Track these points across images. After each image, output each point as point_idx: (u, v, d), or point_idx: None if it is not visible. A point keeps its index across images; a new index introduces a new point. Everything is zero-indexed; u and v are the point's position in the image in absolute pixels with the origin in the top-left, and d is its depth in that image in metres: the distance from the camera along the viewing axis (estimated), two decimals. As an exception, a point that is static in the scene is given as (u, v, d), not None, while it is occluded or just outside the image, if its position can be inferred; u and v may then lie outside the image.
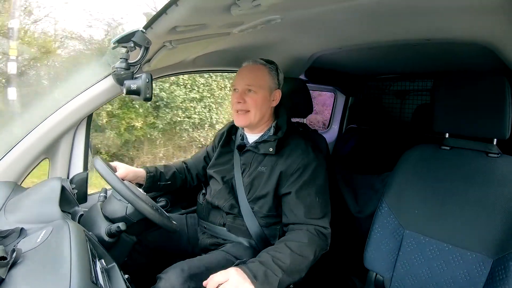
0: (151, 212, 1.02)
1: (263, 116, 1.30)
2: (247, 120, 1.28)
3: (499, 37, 1.06)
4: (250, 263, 1.03)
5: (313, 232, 1.16)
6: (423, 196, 1.18)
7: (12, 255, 0.65)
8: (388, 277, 1.22)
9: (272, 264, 1.03)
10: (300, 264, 1.09)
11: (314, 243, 1.14)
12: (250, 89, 1.27)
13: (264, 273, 1.00)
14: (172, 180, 1.48)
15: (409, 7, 0.96)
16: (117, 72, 0.94)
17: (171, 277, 1.06)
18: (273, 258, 1.05)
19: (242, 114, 1.28)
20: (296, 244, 1.11)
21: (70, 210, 1.06)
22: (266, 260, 1.04)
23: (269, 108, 1.31)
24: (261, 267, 1.01)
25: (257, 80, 1.28)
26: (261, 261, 1.04)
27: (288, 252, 1.08)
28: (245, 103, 1.27)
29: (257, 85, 1.27)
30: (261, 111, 1.28)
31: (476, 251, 1.04)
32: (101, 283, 0.67)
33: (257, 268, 1.00)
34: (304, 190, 1.20)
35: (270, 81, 1.30)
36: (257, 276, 0.98)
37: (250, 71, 1.30)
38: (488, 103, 1.07)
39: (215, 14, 0.81)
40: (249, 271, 0.98)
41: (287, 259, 1.06)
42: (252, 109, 1.26)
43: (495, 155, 1.09)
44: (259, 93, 1.27)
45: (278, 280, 1.01)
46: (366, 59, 1.91)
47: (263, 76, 1.29)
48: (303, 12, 0.99)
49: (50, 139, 1.22)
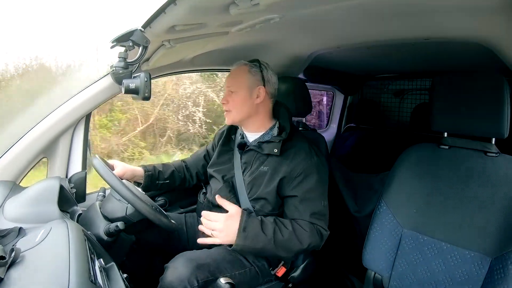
0: (150, 212, 1.02)
1: (248, 114, 1.31)
2: (230, 119, 1.33)
3: (497, 36, 1.06)
4: (253, 217, 1.16)
5: (314, 229, 1.19)
6: (422, 195, 1.18)
7: (10, 254, 0.65)
8: (387, 276, 1.22)
9: (270, 230, 1.13)
10: (293, 246, 1.15)
11: (313, 236, 1.18)
12: (231, 90, 1.31)
13: (255, 233, 1.11)
14: (170, 179, 1.48)
15: (408, 6, 0.96)
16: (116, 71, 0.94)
17: (178, 266, 1.10)
18: (275, 226, 1.14)
19: (227, 114, 1.33)
20: (299, 228, 1.17)
21: (68, 209, 1.07)
22: (268, 223, 1.14)
23: (252, 105, 1.30)
24: (258, 226, 1.13)
25: (235, 81, 1.31)
26: (263, 221, 1.15)
27: (290, 229, 1.15)
28: (227, 103, 1.31)
29: (236, 85, 1.30)
30: (242, 110, 1.30)
31: (474, 250, 1.04)
32: (99, 283, 0.67)
33: (253, 224, 1.12)
34: (310, 195, 1.21)
35: (251, 79, 1.30)
36: (247, 229, 1.11)
37: (231, 74, 1.35)
38: (487, 102, 1.07)
39: (213, 13, 0.81)
40: (243, 222, 1.11)
41: (285, 234, 1.14)
42: (232, 109, 1.31)
43: (493, 154, 1.09)
44: (238, 92, 1.29)
45: (262, 246, 1.11)
46: (365, 58, 1.91)
47: (241, 76, 1.31)
48: (301, 11, 0.99)
49: (48, 139, 1.22)
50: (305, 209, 1.20)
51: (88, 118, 1.33)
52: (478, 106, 1.09)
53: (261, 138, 1.33)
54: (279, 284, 1.32)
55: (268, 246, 1.11)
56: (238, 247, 1.09)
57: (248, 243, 1.09)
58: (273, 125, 1.34)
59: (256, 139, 1.34)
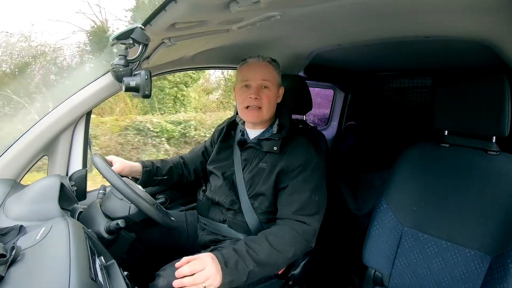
0: (151, 210, 1.02)
1: (273, 113, 1.31)
2: (260, 116, 1.28)
3: (498, 34, 1.06)
4: (225, 250, 1.05)
5: (297, 230, 1.15)
6: (422, 193, 1.18)
7: (11, 252, 0.65)
8: (387, 274, 1.22)
9: (245, 255, 1.04)
10: (276, 259, 1.09)
11: (295, 241, 1.13)
12: (265, 85, 1.27)
13: (235, 262, 1.02)
14: (168, 175, 1.48)
15: (409, 4, 0.95)
16: (116, 69, 0.94)
17: (169, 274, 1.06)
18: (247, 249, 1.06)
19: (254, 110, 1.27)
20: (275, 238, 1.11)
21: (69, 207, 1.07)
22: (240, 249, 1.06)
23: (275, 104, 1.32)
24: (234, 255, 1.03)
25: (270, 76, 1.29)
26: (236, 249, 1.05)
27: (265, 245, 1.08)
28: (260, 99, 1.26)
29: (271, 81, 1.28)
30: (272, 108, 1.29)
31: (475, 248, 1.04)
32: (100, 280, 0.67)
33: (229, 256, 1.02)
34: (300, 187, 1.19)
35: (278, 77, 1.31)
36: (228, 264, 1.00)
37: (262, 67, 1.29)
38: (488, 101, 1.07)
39: (214, 10, 0.81)
40: (221, 258, 1.00)
41: (262, 252, 1.07)
42: (264, 106, 1.26)
43: (494, 152, 1.09)
44: (272, 89, 1.28)
45: (248, 271, 1.02)
46: (366, 56, 1.91)
47: (272, 73, 1.30)
48: (302, 9, 0.98)
49: (49, 137, 1.21)
50: (291, 203, 1.17)
51: (88, 116, 1.33)
52: (479, 105, 1.09)
53: (261, 135, 1.33)
54: (279, 282, 1.32)
55: (253, 271, 1.03)
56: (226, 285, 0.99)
57: (236, 277, 1.00)
58: (273, 122, 1.34)
59: (256, 136, 1.34)
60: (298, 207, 1.17)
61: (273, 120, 1.35)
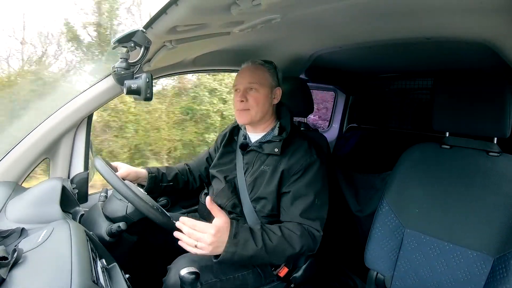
0: (151, 212, 1.02)
1: (265, 114, 1.31)
2: (249, 118, 1.28)
3: (499, 35, 1.06)
4: (242, 226, 1.09)
5: (306, 230, 1.17)
6: (424, 195, 1.18)
7: (13, 255, 0.65)
8: (389, 276, 1.22)
9: (258, 235, 1.08)
10: (284, 250, 1.12)
11: (305, 239, 1.15)
12: (252, 87, 1.27)
13: (245, 237, 1.06)
14: (174, 181, 1.48)
15: (409, 5, 0.95)
16: (118, 72, 0.94)
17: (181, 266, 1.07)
18: (262, 232, 1.10)
19: (243, 112, 1.28)
20: (288, 232, 1.14)
21: (71, 210, 1.07)
22: (256, 231, 1.10)
23: (270, 105, 1.31)
24: (247, 231, 1.08)
25: (258, 77, 1.28)
26: (251, 228, 1.10)
27: (279, 234, 1.12)
28: (247, 101, 1.27)
29: (258, 82, 1.28)
30: (262, 109, 1.28)
31: (477, 249, 1.04)
32: (102, 283, 0.67)
33: (242, 230, 1.07)
34: (303, 191, 1.20)
35: (270, 78, 1.31)
36: (237, 236, 1.04)
37: (250, 70, 1.31)
38: (489, 102, 1.07)
39: (215, 13, 0.81)
40: (234, 229, 1.05)
41: (274, 239, 1.10)
42: (252, 107, 1.27)
43: (495, 154, 1.09)
44: (260, 90, 1.27)
45: (254, 251, 1.05)
46: (366, 58, 1.91)
47: (263, 74, 1.30)
48: (303, 11, 0.99)
49: (50, 139, 1.22)
50: (296, 207, 1.19)
51: (90, 119, 1.33)
52: (480, 106, 1.09)
53: (263, 139, 1.33)
54: (281, 284, 1.31)
55: (259, 253, 1.06)
56: (228, 254, 1.02)
57: (239, 250, 1.03)
58: (274, 125, 1.34)
59: (258, 140, 1.34)
60: (303, 210, 1.18)
61: (274, 123, 1.35)
